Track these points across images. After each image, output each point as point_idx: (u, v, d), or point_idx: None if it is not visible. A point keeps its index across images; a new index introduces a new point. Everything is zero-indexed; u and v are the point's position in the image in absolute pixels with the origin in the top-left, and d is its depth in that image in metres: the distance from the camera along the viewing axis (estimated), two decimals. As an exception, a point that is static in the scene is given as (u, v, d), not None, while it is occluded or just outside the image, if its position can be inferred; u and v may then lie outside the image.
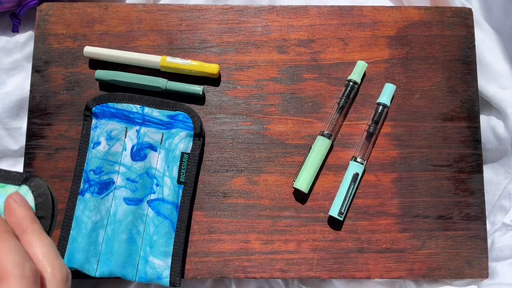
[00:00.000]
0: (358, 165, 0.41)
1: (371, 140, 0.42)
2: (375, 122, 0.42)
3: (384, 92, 0.43)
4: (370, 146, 0.42)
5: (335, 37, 0.45)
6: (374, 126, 0.42)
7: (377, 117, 0.42)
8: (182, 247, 0.39)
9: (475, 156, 0.43)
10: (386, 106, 0.43)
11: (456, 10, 0.46)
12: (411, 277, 0.41)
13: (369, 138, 0.42)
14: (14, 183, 0.29)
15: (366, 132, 0.42)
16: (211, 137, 0.43)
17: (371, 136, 0.42)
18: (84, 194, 0.40)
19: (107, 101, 0.41)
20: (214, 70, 0.42)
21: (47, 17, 0.45)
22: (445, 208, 0.42)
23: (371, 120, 0.43)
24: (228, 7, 0.45)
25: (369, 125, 0.42)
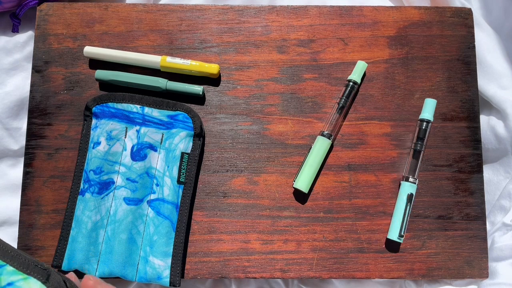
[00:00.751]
0: (411, 185, 0.41)
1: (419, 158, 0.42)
2: (421, 139, 0.42)
3: (426, 108, 0.43)
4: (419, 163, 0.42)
5: (335, 37, 0.45)
6: (420, 143, 0.42)
7: (422, 134, 0.42)
8: (182, 247, 0.39)
9: (475, 156, 0.43)
10: (430, 122, 0.42)
11: (456, 10, 0.46)
12: (411, 277, 0.41)
13: (417, 156, 0.42)
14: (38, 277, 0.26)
15: (413, 150, 0.42)
16: (211, 137, 0.43)
17: (419, 153, 0.42)
18: (84, 194, 0.40)
19: (107, 101, 0.41)
20: (214, 70, 0.42)
21: (47, 17, 0.45)
22: (445, 208, 0.42)
23: (416, 138, 0.42)
24: (228, 7, 0.45)
25: (414, 143, 0.42)
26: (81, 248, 0.39)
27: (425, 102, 0.43)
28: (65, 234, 0.39)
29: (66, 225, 0.39)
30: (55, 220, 0.42)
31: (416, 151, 0.42)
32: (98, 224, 0.39)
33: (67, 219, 0.40)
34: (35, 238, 0.41)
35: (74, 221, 0.39)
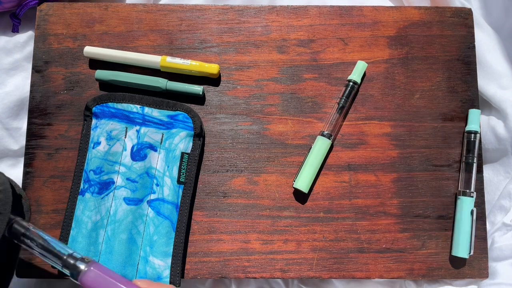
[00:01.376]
0: (471, 199, 0.40)
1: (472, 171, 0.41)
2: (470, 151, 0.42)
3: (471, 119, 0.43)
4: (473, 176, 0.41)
5: (335, 37, 0.45)
6: (471, 155, 0.42)
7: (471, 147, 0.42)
8: (182, 247, 0.39)
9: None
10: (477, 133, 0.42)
11: (456, 10, 0.46)
12: (411, 277, 0.41)
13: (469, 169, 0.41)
14: None
15: (465, 164, 0.42)
16: (211, 137, 0.43)
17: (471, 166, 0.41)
18: (84, 194, 0.40)
19: (107, 101, 0.41)
20: (214, 70, 0.42)
21: (47, 17, 0.45)
22: (445, 208, 0.42)
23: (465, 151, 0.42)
24: (228, 7, 0.45)
25: (465, 156, 0.42)
26: (81, 248, 0.39)
27: (470, 113, 0.43)
28: (65, 234, 0.39)
29: (66, 225, 0.39)
30: (55, 220, 0.42)
31: (468, 164, 0.42)
32: (98, 224, 0.39)
33: (67, 219, 0.40)
34: (35, 238, 0.41)
35: (74, 221, 0.39)
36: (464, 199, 0.41)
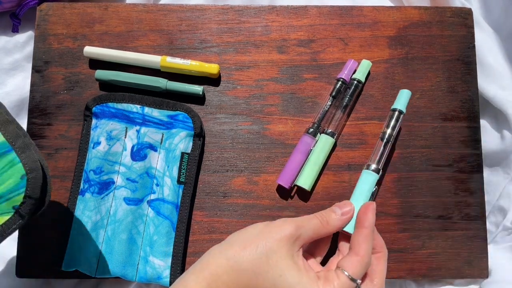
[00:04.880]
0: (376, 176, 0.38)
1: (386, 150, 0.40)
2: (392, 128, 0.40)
3: (399, 98, 0.41)
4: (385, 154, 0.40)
5: (335, 37, 0.45)
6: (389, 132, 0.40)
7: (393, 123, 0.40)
8: (182, 247, 0.39)
9: (475, 156, 0.43)
10: (402, 113, 0.40)
11: (456, 10, 0.46)
12: (411, 277, 0.41)
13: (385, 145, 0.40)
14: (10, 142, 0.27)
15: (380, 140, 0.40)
16: (211, 137, 0.43)
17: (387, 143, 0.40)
18: (84, 194, 0.40)
19: (107, 101, 0.41)
20: (214, 70, 0.42)
21: (47, 17, 0.45)
22: (445, 208, 0.42)
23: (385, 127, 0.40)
24: (228, 7, 0.45)
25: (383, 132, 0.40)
26: (81, 248, 0.39)
27: (400, 93, 0.41)
28: (65, 234, 0.39)
29: (66, 225, 0.39)
30: (55, 220, 0.42)
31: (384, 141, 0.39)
32: (98, 224, 0.39)
33: (67, 219, 0.40)
34: (35, 238, 0.41)
35: (74, 221, 0.39)
36: (368, 172, 0.38)
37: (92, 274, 0.38)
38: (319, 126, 0.42)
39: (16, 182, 0.27)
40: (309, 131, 0.42)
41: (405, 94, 0.41)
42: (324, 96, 0.44)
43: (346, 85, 0.43)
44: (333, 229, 0.33)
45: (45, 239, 0.41)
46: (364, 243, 0.31)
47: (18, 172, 0.27)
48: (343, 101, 0.43)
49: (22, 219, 0.27)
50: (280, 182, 0.41)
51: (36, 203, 0.27)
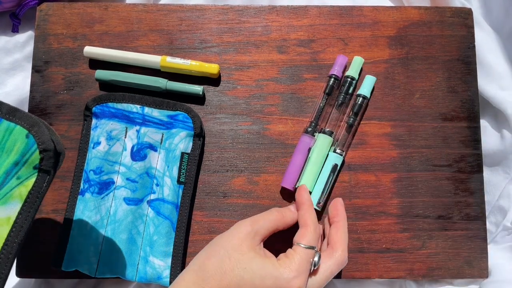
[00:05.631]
0: (338, 156, 0.41)
1: (351, 131, 0.42)
2: (355, 113, 0.42)
3: (365, 84, 0.43)
4: (349, 137, 0.42)
5: (335, 37, 0.45)
6: (353, 117, 0.42)
7: (357, 109, 0.42)
8: (182, 247, 0.39)
9: (475, 156, 0.43)
10: (366, 98, 0.43)
11: (456, 10, 0.46)
12: (411, 277, 0.41)
13: (349, 129, 0.42)
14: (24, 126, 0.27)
15: (346, 124, 0.42)
16: (211, 137, 0.43)
17: (351, 127, 0.42)
18: (84, 194, 0.40)
19: (107, 101, 0.41)
20: (214, 70, 0.42)
21: (47, 17, 0.45)
22: (445, 208, 0.42)
23: (350, 111, 0.43)
24: (228, 7, 0.45)
25: (348, 116, 0.43)
26: (81, 248, 0.39)
27: (366, 78, 0.43)
28: (65, 234, 0.39)
29: (66, 225, 0.39)
30: (55, 220, 0.42)
31: (349, 125, 0.42)
32: (98, 224, 0.39)
33: (67, 219, 0.40)
34: (35, 238, 0.41)
35: (74, 221, 0.39)
36: (332, 154, 0.41)
37: (92, 274, 0.38)
38: (316, 124, 0.42)
39: (23, 143, 0.26)
40: (308, 131, 0.42)
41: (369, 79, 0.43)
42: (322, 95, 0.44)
43: (339, 81, 0.43)
44: (289, 221, 0.36)
45: (45, 239, 0.41)
46: (307, 214, 0.35)
47: (20, 134, 0.26)
48: (338, 99, 0.43)
49: (49, 174, 0.26)
50: (284, 185, 0.41)
51: (53, 154, 0.26)
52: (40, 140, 0.26)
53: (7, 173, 0.26)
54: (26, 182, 0.26)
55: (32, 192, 0.26)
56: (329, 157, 0.41)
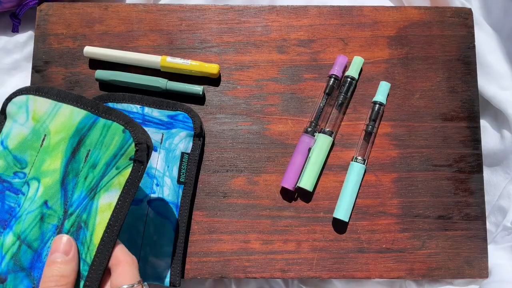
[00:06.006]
0: (363, 167, 0.41)
1: (370, 139, 0.42)
2: (373, 120, 0.42)
3: (379, 90, 0.43)
4: (369, 145, 0.42)
5: (335, 37, 0.45)
6: (372, 124, 0.42)
7: (374, 116, 0.42)
8: (182, 247, 0.39)
9: (475, 156, 0.43)
10: (383, 104, 0.43)
11: (456, 10, 0.46)
12: (411, 277, 0.41)
13: (367, 137, 0.42)
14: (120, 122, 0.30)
15: (365, 132, 0.42)
16: (211, 137, 0.43)
17: (370, 135, 0.42)
18: (84, 194, 0.40)
19: (107, 101, 0.41)
20: (214, 70, 0.42)
21: (47, 17, 0.45)
22: (445, 208, 0.42)
23: (368, 119, 0.43)
24: (228, 7, 0.45)
25: (366, 124, 0.42)
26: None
27: (380, 85, 0.43)
28: (65, 234, 0.39)
29: (66, 225, 0.39)
30: (55, 220, 0.42)
31: (368, 133, 0.42)
32: (98, 224, 0.39)
33: (67, 219, 0.40)
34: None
35: (74, 221, 0.39)
36: (356, 164, 0.41)
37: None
38: (316, 124, 0.42)
39: (121, 137, 0.29)
40: (307, 130, 0.42)
41: (383, 85, 0.43)
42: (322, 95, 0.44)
43: (339, 81, 0.43)
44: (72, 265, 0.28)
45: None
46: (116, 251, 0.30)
47: (118, 129, 0.30)
48: (338, 99, 0.43)
49: (142, 164, 0.29)
50: (284, 185, 0.41)
51: (146, 146, 0.30)
52: (134, 134, 0.29)
53: (107, 164, 0.29)
54: (123, 171, 0.29)
55: (129, 180, 0.29)
56: (352, 167, 0.41)
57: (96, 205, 0.29)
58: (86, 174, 0.29)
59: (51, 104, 0.31)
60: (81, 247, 0.28)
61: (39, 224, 0.29)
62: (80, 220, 0.29)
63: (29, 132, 0.31)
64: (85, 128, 0.30)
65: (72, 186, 0.29)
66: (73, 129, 0.30)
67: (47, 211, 0.29)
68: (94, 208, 0.29)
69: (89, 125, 0.30)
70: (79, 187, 0.29)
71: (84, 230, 0.29)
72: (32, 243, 0.29)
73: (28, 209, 0.29)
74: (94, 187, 0.29)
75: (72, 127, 0.30)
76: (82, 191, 0.29)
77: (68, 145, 0.30)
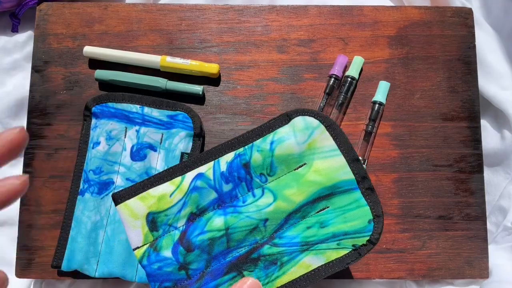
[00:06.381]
0: None
1: (370, 140, 0.42)
2: (373, 120, 0.42)
3: (379, 90, 0.43)
4: (369, 145, 0.42)
5: (335, 37, 0.45)
6: (372, 124, 0.42)
7: (374, 116, 0.42)
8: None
9: (475, 156, 0.43)
10: (382, 104, 0.43)
11: (456, 10, 0.46)
12: (411, 278, 0.41)
13: (367, 137, 0.42)
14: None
15: (365, 132, 0.42)
16: (211, 137, 0.43)
17: (370, 135, 0.42)
18: (83, 194, 0.40)
19: (107, 101, 0.41)
20: (214, 70, 0.42)
21: (46, 17, 0.45)
22: (446, 208, 0.42)
23: (368, 119, 0.43)
24: (228, 7, 0.45)
25: (366, 124, 0.42)
26: (81, 249, 0.39)
27: (379, 84, 0.43)
28: (65, 234, 0.39)
29: (65, 225, 0.39)
30: (54, 220, 0.41)
31: (368, 132, 0.42)
32: (97, 224, 0.39)
33: (66, 219, 0.40)
34: (34, 238, 0.41)
35: (73, 221, 0.39)
36: None
37: (92, 274, 0.38)
38: None
39: (363, 224, 0.29)
40: None
41: (383, 85, 0.43)
42: (322, 95, 0.44)
43: (340, 81, 0.43)
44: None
45: (45, 239, 0.41)
46: None
47: (366, 215, 0.29)
48: (338, 99, 0.43)
49: (357, 258, 0.29)
50: None
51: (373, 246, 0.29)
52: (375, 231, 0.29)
53: (334, 235, 0.29)
54: (340, 251, 0.29)
55: (338, 260, 0.29)
56: None
57: (301, 259, 0.29)
58: (310, 225, 0.30)
59: (331, 146, 0.30)
60: (264, 277, 0.29)
61: (248, 232, 0.30)
62: (279, 258, 0.29)
63: (297, 153, 0.30)
64: (341, 189, 0.30)
65: (292, 222, 0.30)
66: (332, 182, 0.30)
67: (261, 227, 0.30)
68: (297, 259, 0.29)
69: (346, 189, 0.30)
70: (297, 229, 0.30)
71: (276, 268, 0.29)
72: (232, 241, 0.30)
73: (250, 214, 0.30)
74: (310, 243, 0.29)
75: (332, 180, 0.30)
76: (298, 235, 0.30)
77: (317, 191, 0.30)
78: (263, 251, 0.29)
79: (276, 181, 0.30)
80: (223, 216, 0.30)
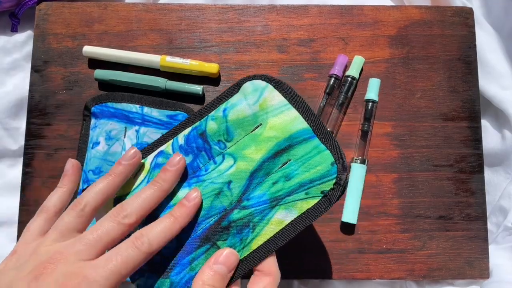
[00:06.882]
0: (364, 167, 0.41)
1: (367, 139, 0.42)
2: (367, 119, 0.42)
3: (370, 88, 0.43)
4: (367, 144, 0.42)
5: (336, 37, 0.45)
6: (367, 123, 0.42)
7: (368, 114, 0.42)
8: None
9: (475, 156, 0.43)
10: (375, 102, 0.43)
11: (456, 9, 0.45)
12: (411, 278, 0.41)
13: (364, 137, 0.42)
14: None
15: (361, 132, 0.42)
16: (211, 137, 0.43)
17: (366, 134, 0.42)
18: (83, 194, 0.40)
19: (107, 101, 0.41)
20: (213, 69, 0.42)
21: (46, 17, 0.45)
22: (446, 209, 0.42)
23: (363, 119, 0.43)
24: (228, 7, 0.45)
25: (362, 124, 0.42)
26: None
27: (370, 82, 0.43)
28: (64, 234, 0.39)
29: (65, 226, 0.39)
30: (54, 220, 0.41)
31: (364, 132, 0.42)
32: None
33: (66, 219, 0.39)
34: (34, 239, 0.41)
35: (73, 222, 0.39)
36: (357, 166, 0.41)
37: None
38: None
39: (326, 168, 0.28)
40: None
41: (373, 82, 0.43)
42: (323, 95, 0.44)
43: (340, 81, 0.43)
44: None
45: (44, 239, 0.41)
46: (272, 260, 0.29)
47: (327, 159, 0.29)
48: (339, 99, 0.42)
49: (329, 205, 0.28)
50: None
51: (342, 189, 0.28)
52: (340, 173, 0.28)
53: (301, 185, 0.29)
54: (310, 200, 0.28)
55: (310, 210, 0.28)
56: (353, 169, 0.41)
57: (272, 216, 0.29)
58: (275, 180, 0.29)
59: (282, 101, 0.30)
60: (239, 242, 0.29)
61: (213, 197, 0.30)
62: (250, 220, 0.29)
63: (250, 115, 0.30)
64: (298, 139, 0.29)
65: (257, 182, 0.29)
66: (288, 134, 0.29)
67: (226, 191, 0.29)
68: (268, 217, 0.29)
69: (303, 138, 0.29)
70: (263, 188, 0.29)
71: (249, 231, 0.29)
72: (200, 211, 0.30)
73: (213, 179, 0.30)
74: (278, 198, 0.29)
75: (288, 132, 0.29)
76: (265, 193, 0.29)
77: (276, 145, 0.29)
78: (233, 217, 0.29)
79: (235, 145, 0.30)
80: (187, 187, 0.30)
